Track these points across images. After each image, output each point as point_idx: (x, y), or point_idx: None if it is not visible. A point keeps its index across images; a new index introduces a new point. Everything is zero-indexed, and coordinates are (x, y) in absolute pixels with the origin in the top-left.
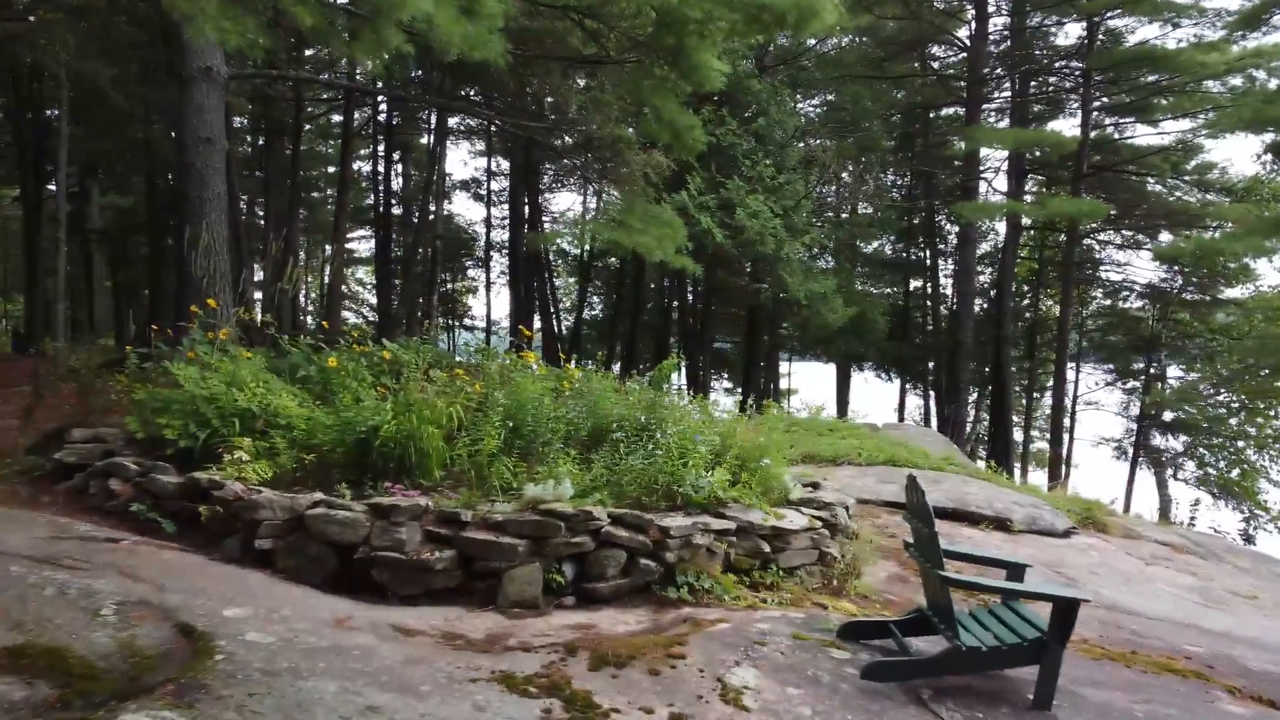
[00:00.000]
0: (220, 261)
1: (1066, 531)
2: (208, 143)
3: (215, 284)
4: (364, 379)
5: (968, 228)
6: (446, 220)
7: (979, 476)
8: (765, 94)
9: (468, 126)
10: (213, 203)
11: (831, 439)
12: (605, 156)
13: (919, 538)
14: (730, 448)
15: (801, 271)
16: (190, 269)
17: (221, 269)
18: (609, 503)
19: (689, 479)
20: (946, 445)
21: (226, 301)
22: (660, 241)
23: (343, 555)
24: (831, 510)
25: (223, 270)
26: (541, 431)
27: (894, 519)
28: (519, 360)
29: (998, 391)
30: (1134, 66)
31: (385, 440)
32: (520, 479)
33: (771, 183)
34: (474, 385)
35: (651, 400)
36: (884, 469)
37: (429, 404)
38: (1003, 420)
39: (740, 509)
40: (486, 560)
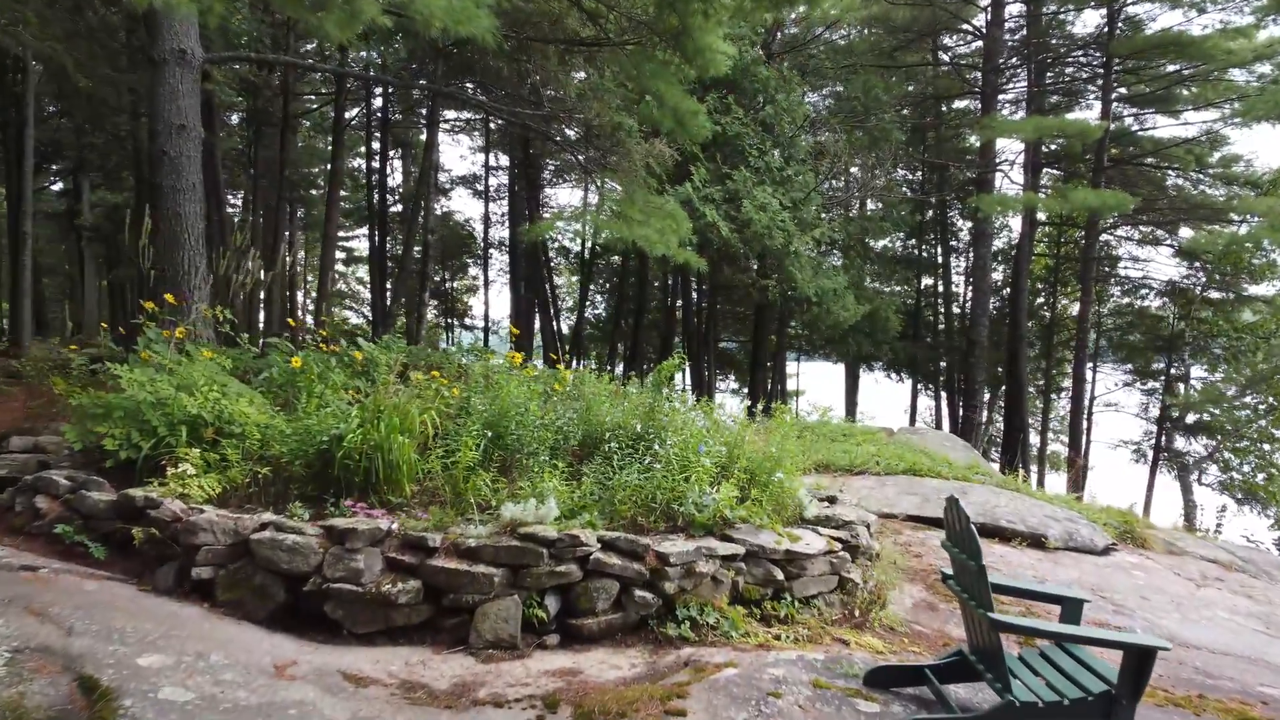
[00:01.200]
0: (195, 256)
1: (1106, 548)
2: (181, 130)
3: (190, 280)
4: (334, 382)
5: (983, 223)
6: (445, 218)
7: (1008, 487)
8: (773, 81)
9: (466, 122)
10: (187, 194)
11: (846, 445)
12: (604, 146)
13: (961, 570)
14: (738, 459)
15: (811, 267)
16: (162, 265)
17: (196, 264)
18: (599, 524)
19: (691, 496)
20: (968, 451)
21: (202, 299)
22: (662, 234)
23: (292, 586)
24: (851, 530)
25: (197, 266)
26: (527, 441)
27: (918, 535)
28: (507, 361)
29: (1013, 392)
30: (1157, 54)
31: (349, 451)
32: (501, 495)
33: (780, 174)
34: (452, 389)
35: (650, 405)
36: (905, 479)
37: (400, 410)
38: (1017, 422)
39: (749, 530)
40: (457, 593)
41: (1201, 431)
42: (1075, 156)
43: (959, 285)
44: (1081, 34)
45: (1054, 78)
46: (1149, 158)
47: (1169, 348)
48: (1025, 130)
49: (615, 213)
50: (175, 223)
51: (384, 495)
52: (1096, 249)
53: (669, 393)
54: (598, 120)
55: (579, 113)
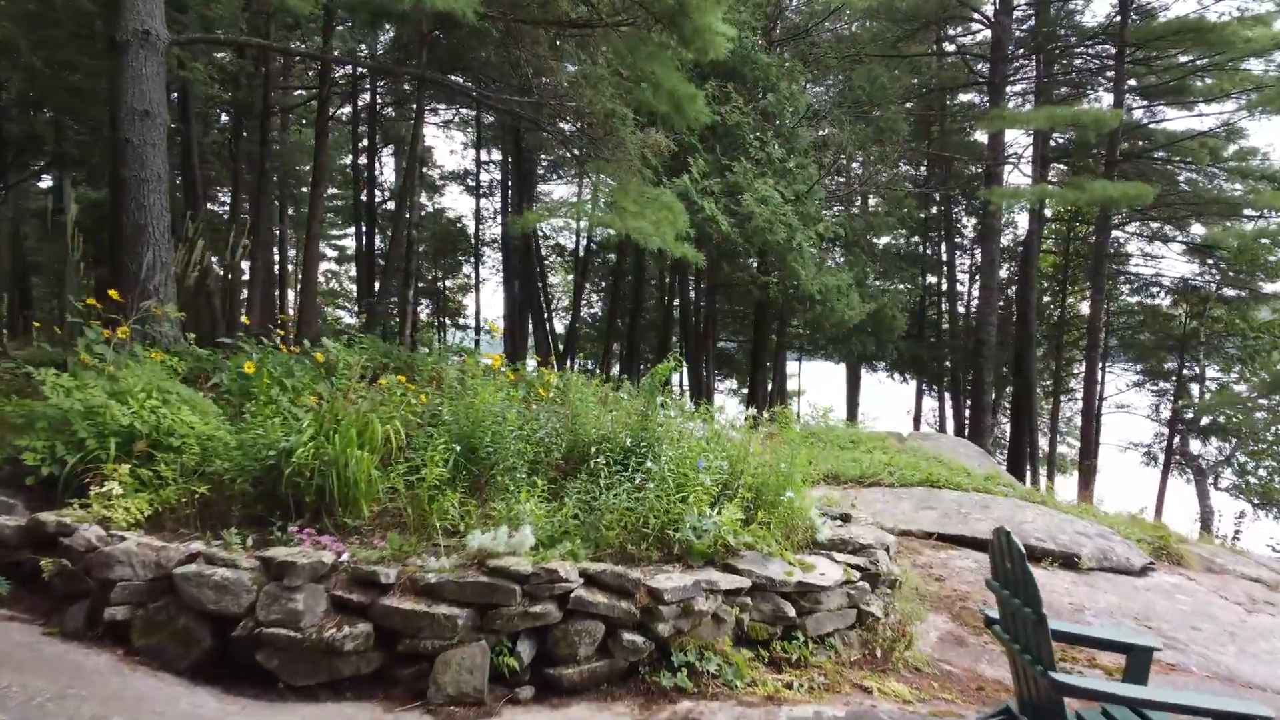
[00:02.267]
0: (161, 251)
1: (1143, 568)
2: (145, 116)
3: (155, 277)
4: (294, 387)
5: (992, 217)
6: (438, 215)
7: (1032, 500)
8: (774, 69)
9: (460, 118)
10: (152, 184)
11: (855, 454)
12: (597, 136)
13: (1014, 619)
14: (741, 474)
15: (814, 263)
16: (125, 260)
17: (162, 259)
18: (583, 554)
19: (689, 520)
20: (983, 458)
21: (168, 296)
22: (658, 227)
23: (221, 630)
24: (870, 555)
25: (163, 261)
26: (503, 455)
27: (939, 555)
28: (486, 363)
29: (1020, 393)
30: (1172, 42)
31: (299, 468)
32: (471, 519)
33: (781, 166)
34: (420, 396)
35: (643, 414)
36: (921, 491)
37: (359, 420)
38: (1024, 424)
39: (756, 559)
40: (414, 638)
41: (1215, 433)
42: (1084, 151)
43: (963, 283)
44: (1090, 25)
45: (1062, 69)
46: (1161, 151)
47: (1181, 347)
48: (1038, 120)
49: (608, 204)
50: (139, 215)
51: (339, 518)
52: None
53: (664, 399)
54: (590, 109)
55: (570, 101)
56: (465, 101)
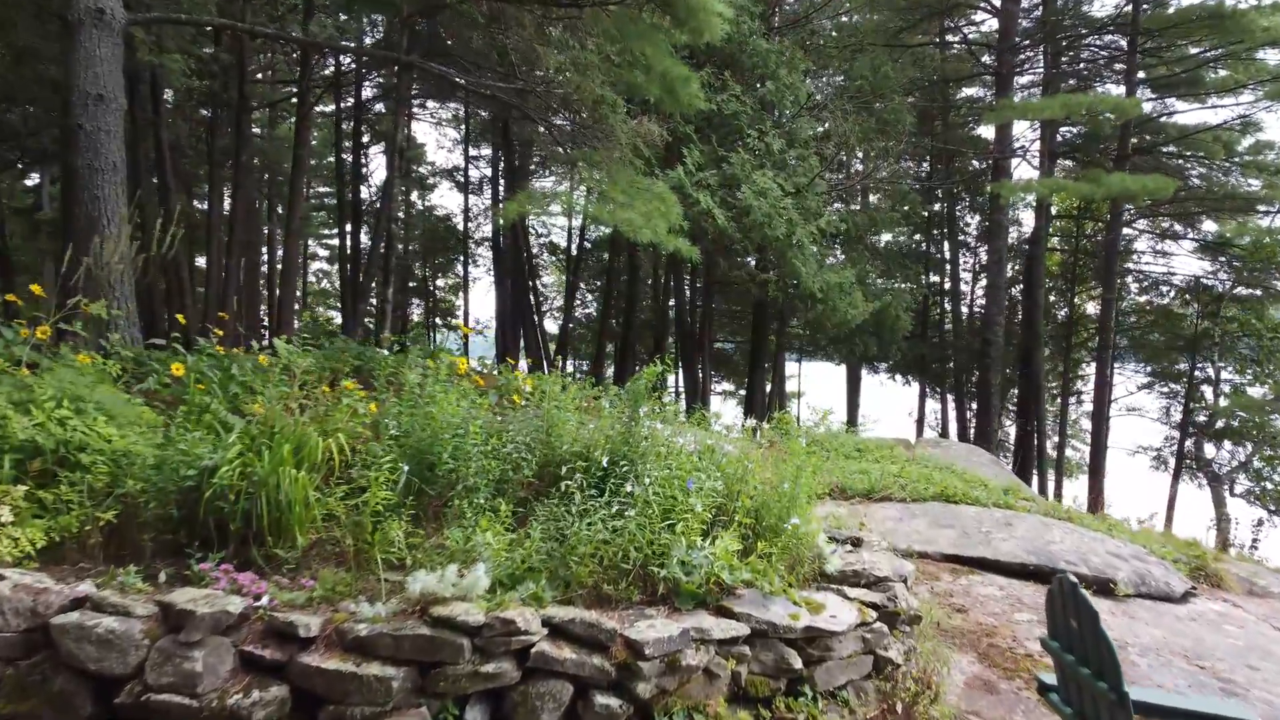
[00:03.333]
0: (118, 246)
1: (1185, 594)
2: (99, 101)
3: (111, 273)
4: (235, 393)
5: (999, 214)
6: (428, 213)
7: (1057, 515)
8: (774, 56)
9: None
10: (107, 174)
11: (863, 464)
12: (586, 124)
13: (1080, 692)
14: (739, 495)
15: (815, 260)
16: (79, 255)
17: (120, 254)
18: (549, 597)
19: (677, 553)
20: (997, 467)
21: (124, 293)
22: (649, 219)
23: (105, 693)
24: (887, 589)
25: (120, 255)
26: (463, 474)
27: (959, 581)
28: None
29: (1026, 395)
30: (1185, 32)
31: (221, 489)
32: (420, 553)
33: (781, 157)
34: (369, 404)
35: (626, 426)
36: (936, 506)
37: (294, 434)
38: (1030, 427)
39: (756, 600)
40: (340, 704)
41: (1230, 437)
42: (1092, 145)
43: (966, 283)
44: (1098, 16)
45: (1069, 62)
46: (1173, 145)
47: (1191, 348)
48: (1053, 109)
49: (595, 194)
50: (91, 207)
51: (270, 548)
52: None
53: (653, 407)
54: (578, 95)
55: (558, 88)
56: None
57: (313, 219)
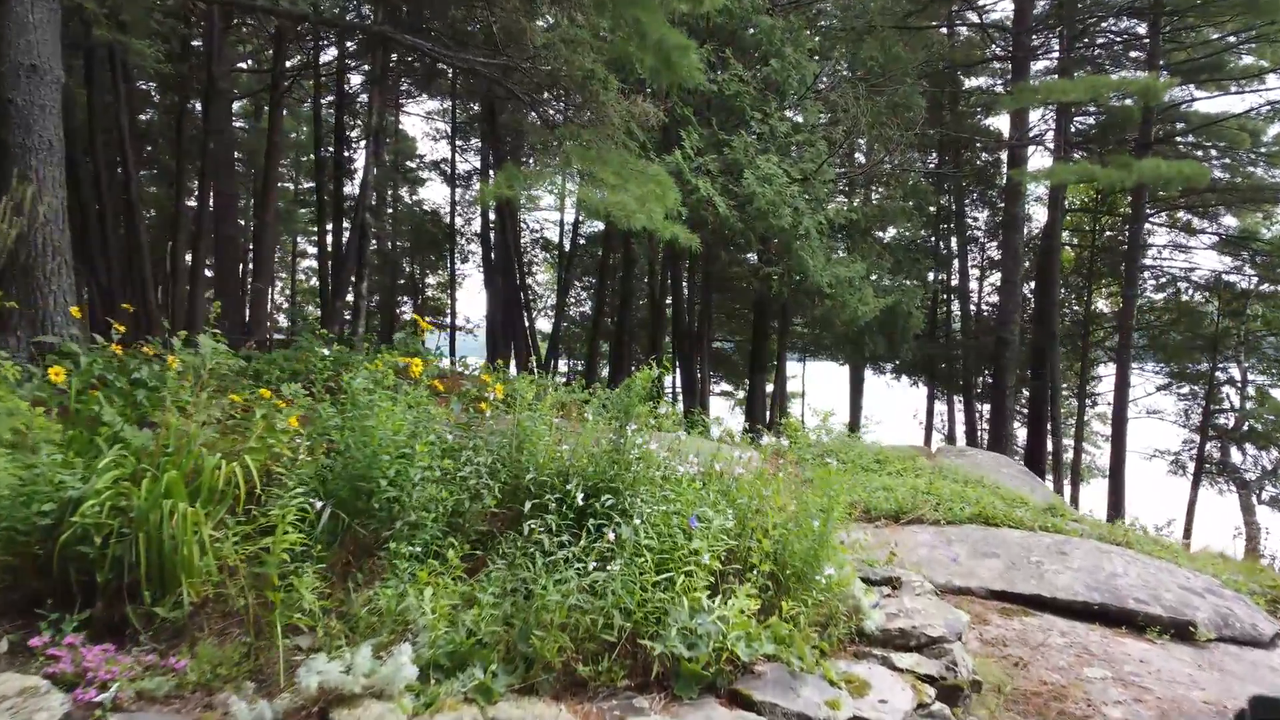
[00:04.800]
0: (54, 234)
1: (1274, 638)
2: (33, 72)
3: (46, 264)
4: (142, 402)
5: (1015, 206)
6: (416, 208)
7: (1114, 539)
8: (778, 32)
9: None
10: (41, 153)
11: (884, 479)
12: (575, 102)
13: None
14: (754, 532)
15: (824, 252)
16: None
17: (54, 244)
18: (501, 685)
19: (677, 618)
20: (1028, 478)
21: (63, 289)
22: (643, 203)
23: None
24: (942, 652)
25: (56, 246)
26: (406, 507)
27: (1012, 625)
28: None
29: (1040, 397)
30: (1213, 13)
31: (88, 528)
32: (339, 619)
33: (786, 140)
34: (290, 418)
35: (613, 445)
36: (974, 530)
37: (183, 458)
38: (1043, 430)
39: (781, 679)
40: None
41: (1253, 440)
42: (1111, 134)
43: (973, 280)
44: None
45: (1084, 47)
46: (1194, 135)
47: (1212, 347)
48: (1077, 91)
49: (583, 175)
50: (23, 189)
51: (149, 605)
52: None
53: (646, 420)
54: (566, 71)
55: (545, 63)
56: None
57: (299, 215)
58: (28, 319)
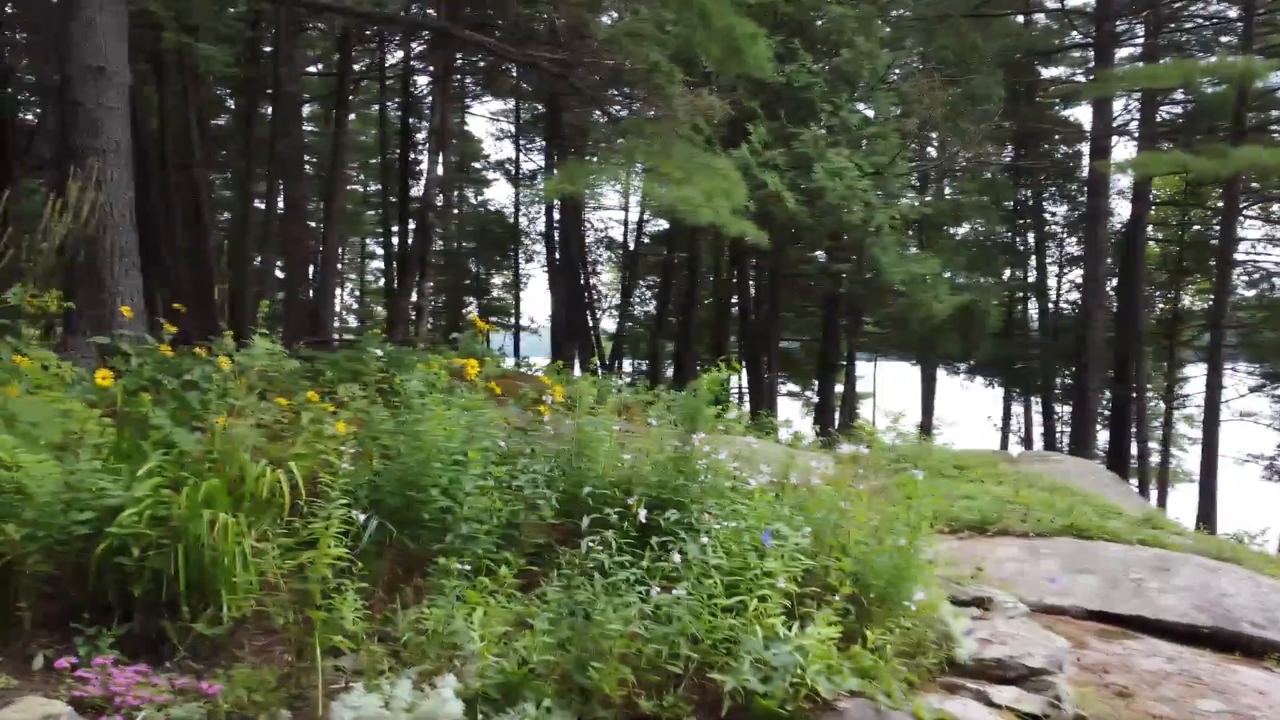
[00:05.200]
0: (122, 236)
1: None
2: (99, 74)
3: (114, 266)
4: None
5: (1098, 198)
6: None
7: (1219, 554)
8: (850, 20)
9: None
10: (109, 155)
11: (965, 486)
12: (639, 96)
13: None
14: (832, 549)
15: (897, 248)
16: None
17: (121, 245)
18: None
19: (750, 647)
20: (1121, 487)
21: (129, 291)
22: (709, 197)
23: None
24: (1044, 685)
25: (123, 248)
26: (457, 520)
27: (1113, 649)
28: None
29: (1123, 400)
30: None
31: (125, 539)
32: (382, 641)
33: (858, 133)
34: (337, 424)
35: (678, 453)
36: (1066, 543)
37: (229, 465)
38: (1126, 434)
39: (864, 717)
40: None
41: None
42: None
43: (1050, 277)
44: None
45: (1171, 32)
46: None
47: None
48: (1169, 77)
49: (648, 169)
50: (94, 191)
51: (187, 620)
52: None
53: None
54: (630, 64)
55: (608, 57)
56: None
57: (368, 217)
58: (93, 320)
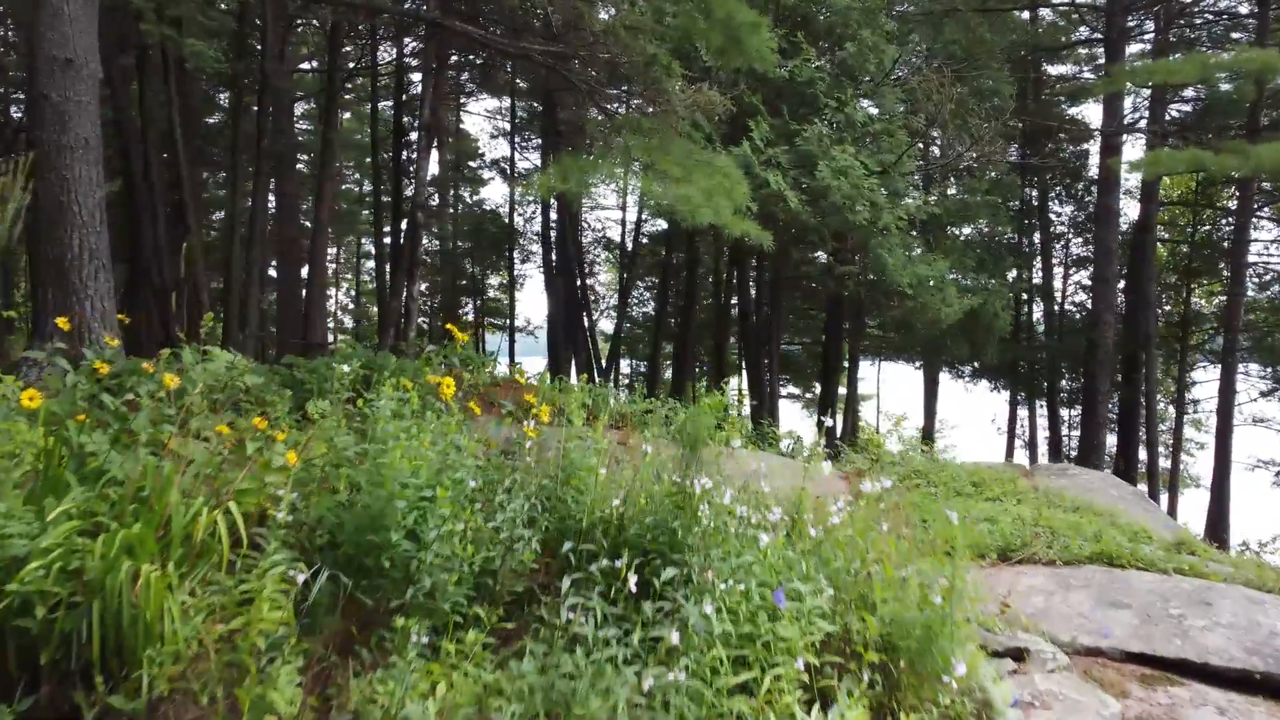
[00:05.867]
0: (91, 236)
1: None
2: (68, 66)
3: (82, 267)
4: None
5: (1109, 198)
6: (477, 208)
7: (1264, 584)
8: (854, 12)
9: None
10: (77, 152)
11: (983, 505)
12: (635, 90)
13: None
14: (855, 604)
15: (904, 250)
16: (44, 246)
17: (91, 246)
18: None
19: None
20: (1141, 501)
21: (100, 292)
22: (710, 196)
23: None
24: None
25: (92, 248)
26: (422, 570)
27: (1157, 697)
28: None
29: (1131, 404)
30: None
31: (33, 595)
32: None
33: (863, 130)
34: (288, 453)
35: (678, 490)
36: (1097, 572)
37: (160, 501)
38: (1133, 439)
39: None
40: None
41: None
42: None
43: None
44: None
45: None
46: None
47: None
48: (1185, 72)
49: (646, 167)
50: (60, 190)
51: (101, 694)
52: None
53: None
54: (626, 56)
55: (603, 50)
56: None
57: (364, 217)
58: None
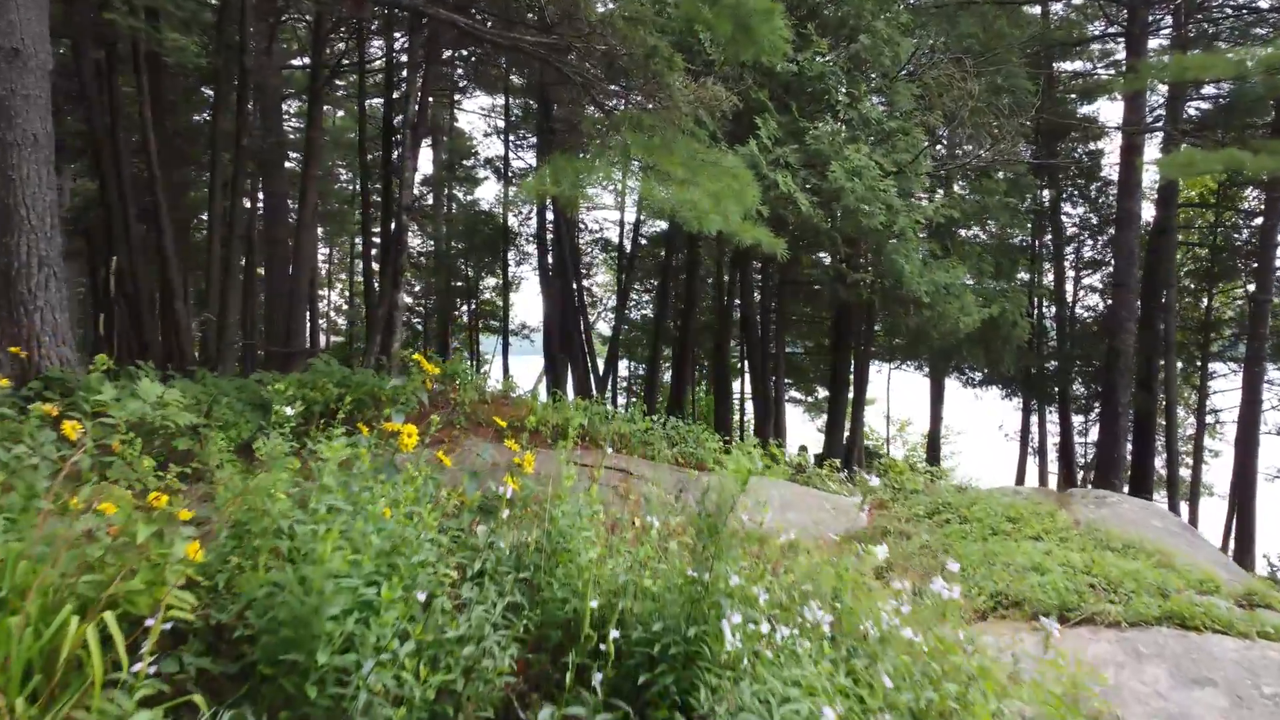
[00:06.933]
0: (41, 242)
1: None
2: (13, 56)
3: (31, 275)
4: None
5: (1129, 200)
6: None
7: None
8: (868, 4)
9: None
10: (24, 149)
11: (1024, 545)
12: (635, 85)
13: None
14: None
15: (919, 256)
16: None
17: (41, 252)
18: None
19: None
20: (1187, 534)
21: (52, 302)
22: (718, 200)
23: None
24: None
25: (42, 254)
26: (354, 707)
27: None
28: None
29: (1148, 412)
30: None
31: None
32: None
33: (879, 128)
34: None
35: (693, 582)
36: (1170, 638)
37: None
38: (1149, 448)
39: None
40: None
41: None
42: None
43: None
44: None
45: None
46: None
47: None
48: (1220, 68)
49: (647, 167)
50: (5, 191)
51: None
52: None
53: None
54: (626, 49)
55: (600, 42)
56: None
57: (355, 216)
58: (9, 338)
